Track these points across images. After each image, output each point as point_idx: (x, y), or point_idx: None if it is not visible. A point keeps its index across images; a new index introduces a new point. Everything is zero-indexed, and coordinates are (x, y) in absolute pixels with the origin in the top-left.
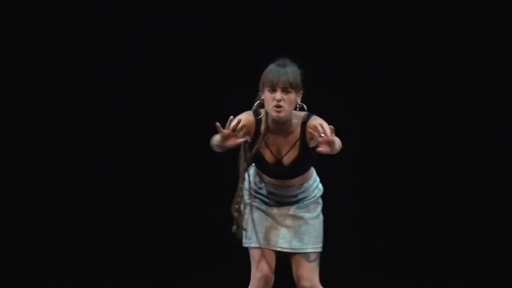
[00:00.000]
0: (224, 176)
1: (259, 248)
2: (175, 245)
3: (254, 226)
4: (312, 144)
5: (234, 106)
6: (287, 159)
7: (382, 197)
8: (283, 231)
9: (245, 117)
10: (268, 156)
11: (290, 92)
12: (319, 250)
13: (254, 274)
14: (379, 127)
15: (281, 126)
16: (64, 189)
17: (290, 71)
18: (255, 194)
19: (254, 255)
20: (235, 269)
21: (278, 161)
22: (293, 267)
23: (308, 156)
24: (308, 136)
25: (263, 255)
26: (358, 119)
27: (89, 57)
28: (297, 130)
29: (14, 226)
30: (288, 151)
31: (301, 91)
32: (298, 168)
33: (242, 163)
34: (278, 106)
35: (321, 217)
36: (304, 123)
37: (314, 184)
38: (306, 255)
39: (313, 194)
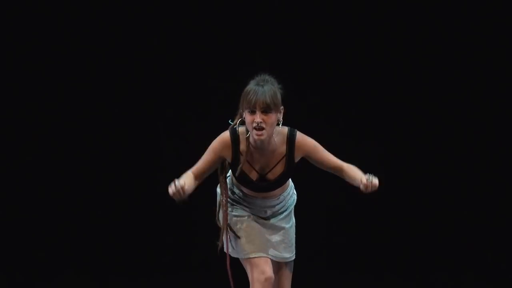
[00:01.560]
0: None
1: (256, 257)
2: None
3: (245, 236)
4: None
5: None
6: (271, 175)
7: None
8: (270, 240)
9: (219, 142)
10: (252, 173)
11: (270, 112)
12: (294, 257)
13: (258, 278)
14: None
15: (264, 145)
16: (60, 188)
17: (268, 90)
18: (236, 204)
19: (253, 262)
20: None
21: (262, 177)
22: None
23: (292, 171)
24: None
25: (261, 261)
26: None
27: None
28: (282, 147)
29: (13, 226)
30: (273, 168)
31: (281, 108)
32: (282, 182)
33: (221, 181)
34: (259, 129)
35: (294, 223)
36: (290, 140)
37: (290, 191)
38: (286, 264)
39: (290, 202)
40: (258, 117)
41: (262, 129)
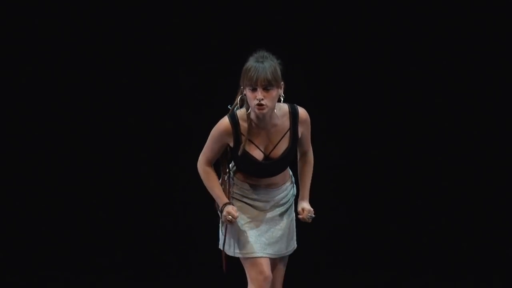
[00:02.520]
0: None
1: (256, 257)
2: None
3: (245, 235)
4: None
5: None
6: (276, 152)
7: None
8: (273, 235)
9: (219, 130)
10: (256, 152)
11: (271, 89)
12: (295, 247)
13: (256, 278)
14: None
15: (266, 120)
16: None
17: (268, 66)
18: (243, 200)
19: (252, 262)
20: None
21: (267, 156)
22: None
23: (295, 148)
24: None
25: (260, 261)
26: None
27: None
28: (285, 122)
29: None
30: (278, 144)
31: (282, 84)
32: (286, 161)
33: (223, 163)
34: (261, 105)
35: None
36: (293, 114)
37: (291, 183)
38: (285, 257)
39: (290, 194)
40: (259, 94)
41: (264, 104)
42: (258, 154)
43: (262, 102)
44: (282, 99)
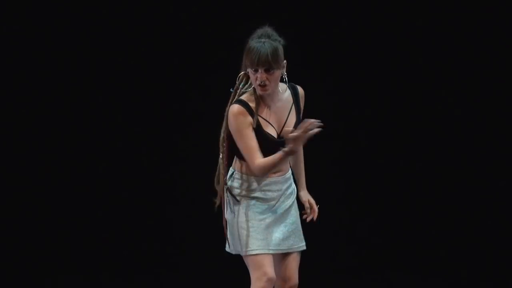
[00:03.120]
0: None
1: (262, 254)
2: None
3: (252, 233)
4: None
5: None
6: (288, 126)
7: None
8: (279, 231)
9: (238, 116)
10: (270, 129)
11: (272, 70)
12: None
13: (260, 278)
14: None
15: (272, 96)
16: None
17: (269, 47)
18: (252, 196)
19: (258, 260)
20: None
21: (280, 132)
22: (282, 266)
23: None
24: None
25: (265, 261)
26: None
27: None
28: (288, 96)
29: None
30: (287, 118)
31: (284, 63)
32: None
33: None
34: (263, 85)
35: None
36: (293, 87)
37: (291, 174)
38: (298, 253)
39: (293, 187)
40: (261, 75)
41: (266, 85)
42: (272, 131)
43: (265, 82)
44: (285, 78)
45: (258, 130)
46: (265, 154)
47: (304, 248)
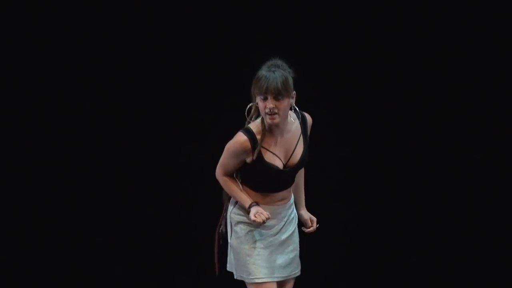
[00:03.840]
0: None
1: (267, 282)
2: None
3: (257, 260)
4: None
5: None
6: (295, 158)
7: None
8: (282, 258)
9: (239, 147)
10: (276, 161)
11: (281, 98)
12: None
13: None
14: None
15: (280, 128)
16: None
17: (279, 76)
18: (252, 228)
19: (259, 287)
20: None
21: (286, 164)
22: None
23: (308, 151)
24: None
25: (270, 287)
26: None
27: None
28: (296, 126)
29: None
30: (295, 149)
31: (293, 94)
32: (303, 165)
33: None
34: (272, 114)
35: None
36: (302, 117)
37: (293, 200)
38: (294, 278)
39: (294, 213)
40: (270, 103)
41: (275, 113)
42: (278, 163)
43: (273, 110)
44: (293, 108)
45: (260, 162)
46: (269, 183)
47: (299, 273)
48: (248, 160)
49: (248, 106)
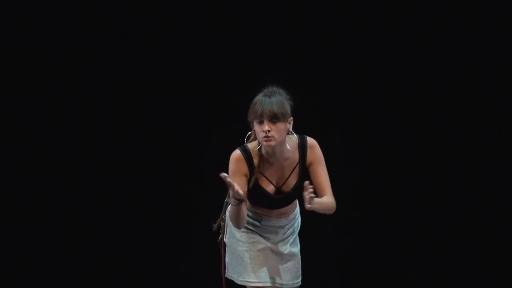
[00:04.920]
0: None
1: (258, 286)
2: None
3: (250, 264)
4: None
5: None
6: (287, 186)
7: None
8: (280, 267)
9: (235, 163)
10: (269, 187)
11: (277, 122)
12: (300, 283)
13: None
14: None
15: (276, 154)
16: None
17: (275, 101)
18: (253, 230)
19: None
20: None
21: (279, 190)
22: None
23: (305, 178)
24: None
25: None
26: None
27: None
28: (295, 155)
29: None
30: (288, 177)
31: (290, 119)
32: (297, 194)
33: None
34: (268, 137)
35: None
36: (302, 146)
37: (297, 213)
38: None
39: (296, 224)
40: (266, 126)
41: (271, 136)
42: (270, 188)
43: (269, 134)
44: (290, 133)
45: (254, 184)
46: (262, 203)
47: (299, 284)
48: (247, 175)
49: (248, 134)
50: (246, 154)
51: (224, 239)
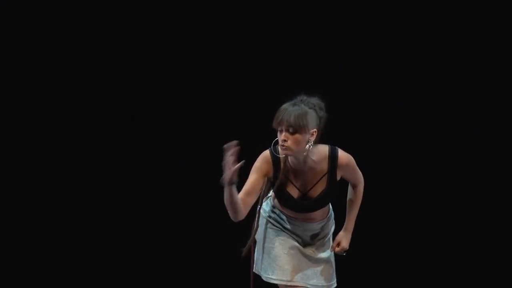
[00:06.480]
0: None
1: (281, 284)
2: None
3: (277, 260)
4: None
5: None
6: (313, 193)
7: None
8: (308, 268)
9: (261, 161)
10: (293, 191)
11: (294, 133)
12: (335, 285)
13: None
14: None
15: (301, 162)
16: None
17: (297, 111)
18: (281, 228)
19: None
20: None
21: (304, 195)
22: None
23: (334, 189)
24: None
25: None
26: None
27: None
28: (323, 164)
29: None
30: (315, 185)
31: (313, 130)
32: (324, 201)
33: (260, 200)
34: (284, 146)
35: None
36: (333, 158)
37: (331, 218)
38: None
39: (329, 230)
40: (283, 135)
41: (288, 146)
42: (294, 192)
43: (285, 144)
44: (309, 146)
45: (279, 186)
46: (287, 206)
47: (334, 286)
48: (270, 176)
49: (276, 139)
50: (275, 157)
51: (255, 236)
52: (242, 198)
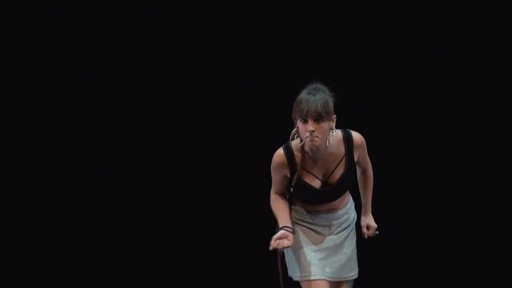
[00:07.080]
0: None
1: (318, 280)
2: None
3: (309, 259)
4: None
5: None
6: (334, 178)
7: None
8: (336, 260)
9: (275, 162)
10: (314, 182)
11: (322, 121)
12: (357, 275)
13: None
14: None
15: (321, 151)
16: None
17: (320, 99)
18: (303, 224)
19: (314, 285)
20: None
21: (325, 183)
22: None
23: (352, 171)
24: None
25: (322, 285)
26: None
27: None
28: (340, 149)
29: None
30: (334, 170)
31: (334, 117)
32: (345, 185)
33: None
34: (312, 137)
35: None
36: (348, 140)
37: (351, 206)
38: (350, 281)
39: (352, 218)
40: (310, 126)
41: (315, 136)
42: (315, 183)
43: (313, 134)
44: (333, 132)
45: (298, 180)
46: (308, 198)
47: (356, 276)
48: (288, 175)
49: (292, 132)
50: (288, 152)
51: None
52: (283, 193)
